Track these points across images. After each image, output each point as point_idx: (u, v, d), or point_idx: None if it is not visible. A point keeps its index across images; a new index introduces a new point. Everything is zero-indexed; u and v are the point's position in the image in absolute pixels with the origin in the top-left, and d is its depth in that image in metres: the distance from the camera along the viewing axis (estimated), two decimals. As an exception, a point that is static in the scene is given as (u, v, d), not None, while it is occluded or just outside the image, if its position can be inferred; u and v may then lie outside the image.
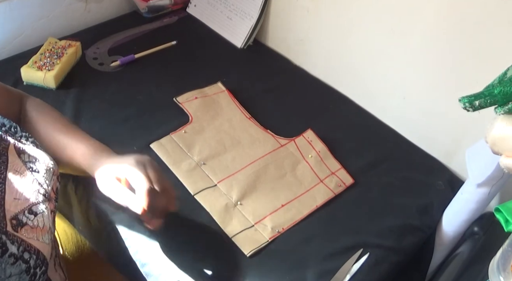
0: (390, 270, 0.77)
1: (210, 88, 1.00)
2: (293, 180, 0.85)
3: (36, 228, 0.54)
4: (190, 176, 0.83)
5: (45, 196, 0.57)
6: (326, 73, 1.09)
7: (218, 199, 0.80)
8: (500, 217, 0.75)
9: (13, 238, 0.50)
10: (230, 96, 0.98)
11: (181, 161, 0.85)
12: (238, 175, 0.84)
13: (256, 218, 0.78)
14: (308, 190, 0.84)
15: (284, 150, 0.90)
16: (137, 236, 0.74)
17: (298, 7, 1.06)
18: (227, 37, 1.17)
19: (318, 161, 0.88)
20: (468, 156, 0.76)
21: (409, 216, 0.84)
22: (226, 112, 0.95)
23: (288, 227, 0.78)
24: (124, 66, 1.04)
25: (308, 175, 0.86)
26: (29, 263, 0.51)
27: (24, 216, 0.53)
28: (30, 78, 0.95)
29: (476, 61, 0.80)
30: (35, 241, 0.53)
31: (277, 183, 0.84)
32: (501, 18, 0.74)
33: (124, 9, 1.20)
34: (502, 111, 0.49)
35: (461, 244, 0.81)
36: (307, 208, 0.81)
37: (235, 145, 0.89)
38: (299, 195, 0.83)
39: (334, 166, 0.88)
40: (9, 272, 0.49)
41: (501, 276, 0.55)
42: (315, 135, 0.91)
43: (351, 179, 0.87)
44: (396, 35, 0.90)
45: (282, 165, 0.87)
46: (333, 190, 0.84)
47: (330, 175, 0.86)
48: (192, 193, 0.80)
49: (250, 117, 0.95)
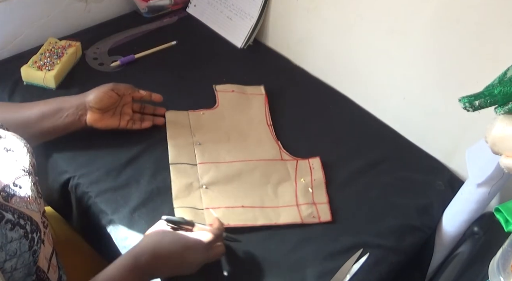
0: (390, 270, 0.77)
1: (251, 88, 1.00)
2: (270, 193, 0.82)
3: (23, 198, 0.57)
4: (179, 149, 0.85)
5: (24, 170, 0.61)
6: (326, 73, 1.09)
7: (189, 176, 0.82)
8: (500, 217, 0.75)
9: (6, 207, 0.53)
10: (265, 101, 0.98)
11: (181, 136, 0.88)
12: (222, 166, 0.84)
13: (209, 204, 0.78)
14: (278, 207, 0.80)
15: (282, 165, 0.87)
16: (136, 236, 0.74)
17: (298, 7, 1.06)
18: (227, 37, 1.17)
19: (307, 187, 0.83)
20: (468, 156, 0.77)
21: (409, 216, 0.84)
22: (253, 112, 0.96)
23: (234, 225, 0.76)
24: (124, 66, 1.04)
25: (288, 195, 0.82)
26: (25, 228, 0.54)
27: (10, 189, 0.56)
28: (30, 78, 0.95)
29: (476, 61, 0.80)
30: (26, 209, 0.56)
31: (253, 188, 0.82)
32: (501, 18, 0.74)
33: (124, 9, 1.20)
34: (502, 111, 0.49)
35: (461, 244, 0.81)
36: (265, 220, 0.78)
37: (239, 140, 0.89)
38: (266, 206, 0.80)
39: (320, 198, 0.82)
40: (10, 237, 0.51)
41: (501, 276, 0.55)
42: (320, 164, 0.87)
43: (329, 217, 0.80)
44: (396, 35, 0.90)
45: (269, 175, 0.84)
46: (303, 218, 0.79)
47: (309, 204, 0.81)
48: (170, 162, 0.83)
49: (271, 124, 0.94)
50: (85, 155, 0.84)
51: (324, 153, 0.91)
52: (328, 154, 0.91)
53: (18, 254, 0.52)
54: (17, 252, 0.52)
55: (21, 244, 0.53)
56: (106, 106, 0.82)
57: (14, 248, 0.52)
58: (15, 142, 0.64)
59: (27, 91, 0.94)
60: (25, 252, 0.53)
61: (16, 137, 0.65)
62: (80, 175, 0.81)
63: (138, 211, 0.77)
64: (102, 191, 0.79)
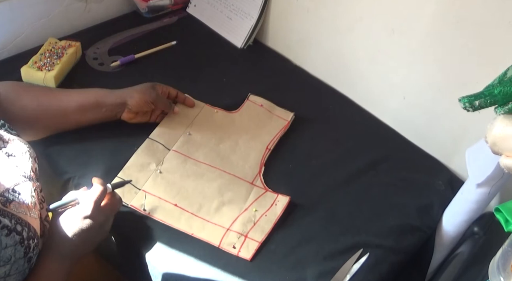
0: (390, 270, 0.77)
1: (281, 110, 0.96)
2: (213, 207, 0.78)
3: (23, 204, 0.57)
4: (166, 130, 0.88)
5: (25, 176, 0.61)
6: (326, 73, 1.09)
7: (153, 156, 0.83)
8: (500, 217, 0.75)
9: (4, 213, 0.53)
10: (284, 128, 0.93)
11: (179, 121, 0.90)
12: (190, 161, 0.84)
13: (149, 188, 0.79)
14: (209, 222, 0.77)
15: (246, 188, 0.82)
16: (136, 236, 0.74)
17: (298, 7, 1.06)
18: (227, 37, 1.17)
19: (252, 219, 0.77)
20: (468, 156, 0.76)
21: (409, 216, 0.84)
22: (264, 131, 0.92)
23: (154, 217, 0.76)
24: (124, 66, 1.04)
25: (227, 217, 0.77)
26: (22, 235, 0.53)
27: (9, 194, 0.56)
28: (30, 78, 0.95)
29: (476, 61, 0.80)
30: (24, 215, 0.56)
31: (201, 195, 0.80)
32: (501, 18, 0.74)
33: (124, 9, 1.20)
34: (502, 111, 0.49)
35: (461, 244, 0.81)
36: (185, 227, 0.75)
37: (226, 149, 0.88)
38: (198, 216, 0.77)
39: (256, 234, 0.76)
40: (4, 243, 0.51)
41: (501, 276, 0.55)
42: (285, 205, 0.79)
43: (249, 256, 0.73)
44: (396, 35, 0.90)
45: (226, 191, 0.81)
46: (222, 243, 0.74)
47: (240, 234, 0.75)
48: (149, 136, 0.86)
49: (270, 149, 0.89)
50: (85, 155, 0.84)
51: (324, 153, 0.91)
52: (328, 154, 0.91)
53: (13, 260, 0.52)
54: (11, 259, 0.51)
55: (16, 251, 0.52)
56: (143, 111, 0.85)
57: (8, 254, 0.51)
58: (18, 147, 0.63)
59: (27, 91, 0.94)
60: (20, 258, 0.53)
61: (20, 142, 0.65)
62: (80, 175, 0.81)
63: (137, 211, 0.77)
64: (102, 191, 0.79)
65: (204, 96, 0.97)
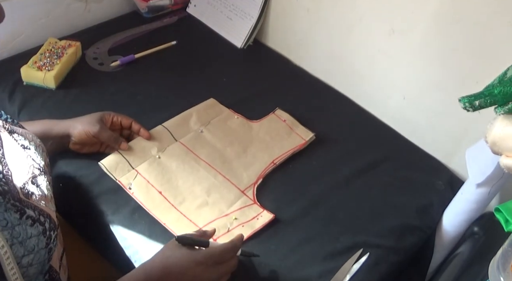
0: (390, 270, 0.77)
1: (303, 129, 0.94)
2: (194, 205, 0.78)
3: (42, 196, 0.58)
4: (180, 123, 0.90)
5: (40, 170, 0.62)
6: (326, 73, 1.09)
7: (159, 142, 0.85)
8: (500, 217, 0.75)
9: (28, 204, 0.54)
10: (298, 147, 0.90)
11: (196, 118, 0.92)
12: (190, 155, 0.85)
13: (142, 170, 0.81)
14: (183, 216, 0.76)
15: (235, 195, 0.80)
16: (136, 236, 0.74)
17: (298, 7, 1.06)
18: (227, 37, 1.17)
19: (227, 226, 0.76)
20: (468, 156, 0.77)
21: (409, 216, 0.84)
22: (277, 146, 0.90)
23: (137, 199, 0.77)
24: (124, 66, 1.04)
25: (203, 218, 0.77)
26: (44, 225, 0.55)
27: (29, 187, 0.57)
28: (30, 78, 0.95)
29: (476, 61, 0.80)
30: (45, 207, 0.57)
31: (188, 189, 0.80)
32: (501, 18, 0.74)
33: (124, 9, 1.20)
34: (502, 111, 0.49)
35: (461, 244, 0.81)
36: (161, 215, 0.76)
37: (231, 155, 0.87)
38: (176, 208, 0.77)
39: None
40: (29, 233, 0.52)
41: (501, 276, 0.55)
42: (266, 222, 0.77)
43: None
44: (396, 35, 0.90)
45: (213, 193, 0.80)
46: None
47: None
48: (163, 123, 0.88)
49: (275, 163, 0.87)
50: (85, 155, 0.84)
51: (324, 153, 0.91)
52: (328, 154, 0.91)
53: (36, 250, 0.53)
54: (34, 249, 0.53)
55: (39, 241, 0.53)
56: (87, 143, 0.82)
57: (32, 244, 0.52)
58: (32, 141, 0.65)
59: (27, 91, 0.94)
60: (42, 249, 0.54)
61: (32, 135, 0.66)
62: (80, 176, 0.81)
63: (138, 211, 0.77)
64: (103, 191, 0.79)
65: (204, 96, 0.97)
